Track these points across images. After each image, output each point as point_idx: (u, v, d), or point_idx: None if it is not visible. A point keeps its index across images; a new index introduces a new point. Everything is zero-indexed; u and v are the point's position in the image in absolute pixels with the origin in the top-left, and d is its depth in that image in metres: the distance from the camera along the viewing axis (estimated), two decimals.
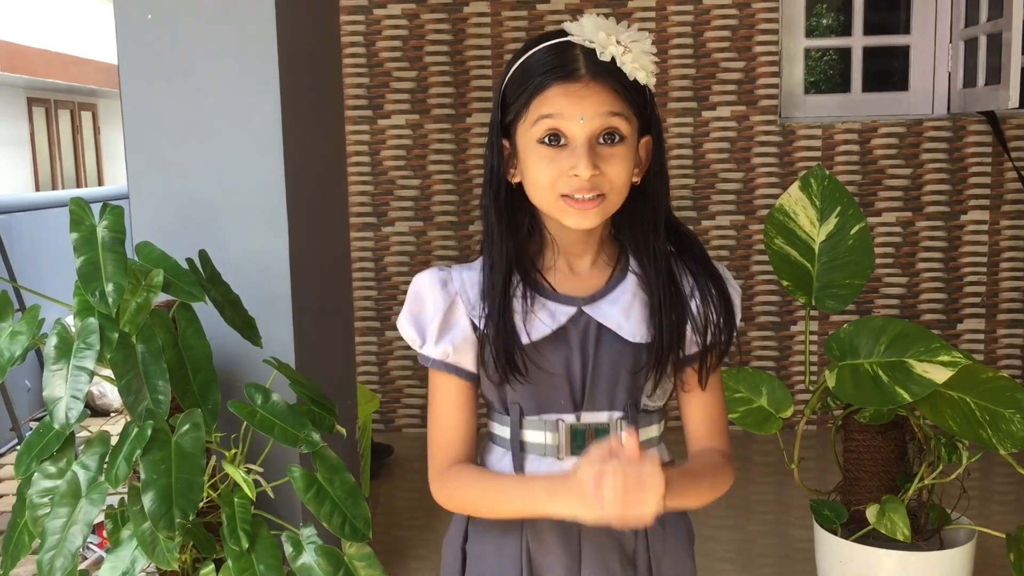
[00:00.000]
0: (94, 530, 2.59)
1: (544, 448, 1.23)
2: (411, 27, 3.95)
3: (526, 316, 1.20)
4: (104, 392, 4.78)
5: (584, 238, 1.23)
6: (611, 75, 1.14)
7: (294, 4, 2.25)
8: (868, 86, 4.06)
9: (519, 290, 1.21)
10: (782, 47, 3.96)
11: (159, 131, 2.17)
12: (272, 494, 1.81)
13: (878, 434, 2.34)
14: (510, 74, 1.19)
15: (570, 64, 1.14)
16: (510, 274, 1.21)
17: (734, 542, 3.00)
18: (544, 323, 1.20)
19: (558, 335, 1.20)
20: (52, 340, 1.65)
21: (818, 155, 3.95)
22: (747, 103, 3.95)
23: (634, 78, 1.15)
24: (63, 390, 1.62)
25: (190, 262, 1.88)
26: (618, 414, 1.22)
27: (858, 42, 4.04)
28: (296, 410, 1.78)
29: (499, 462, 1.26)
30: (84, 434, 1.91)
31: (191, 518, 1.60)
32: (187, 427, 1.68)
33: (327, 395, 1.93)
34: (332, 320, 2.60)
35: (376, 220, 4.06)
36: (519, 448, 1.24)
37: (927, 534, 2.32)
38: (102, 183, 14.37)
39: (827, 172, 2.44)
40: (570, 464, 1.19)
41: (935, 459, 2.27)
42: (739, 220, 4.01)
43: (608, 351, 1.21)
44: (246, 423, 1.75)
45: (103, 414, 4.79)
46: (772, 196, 3.92)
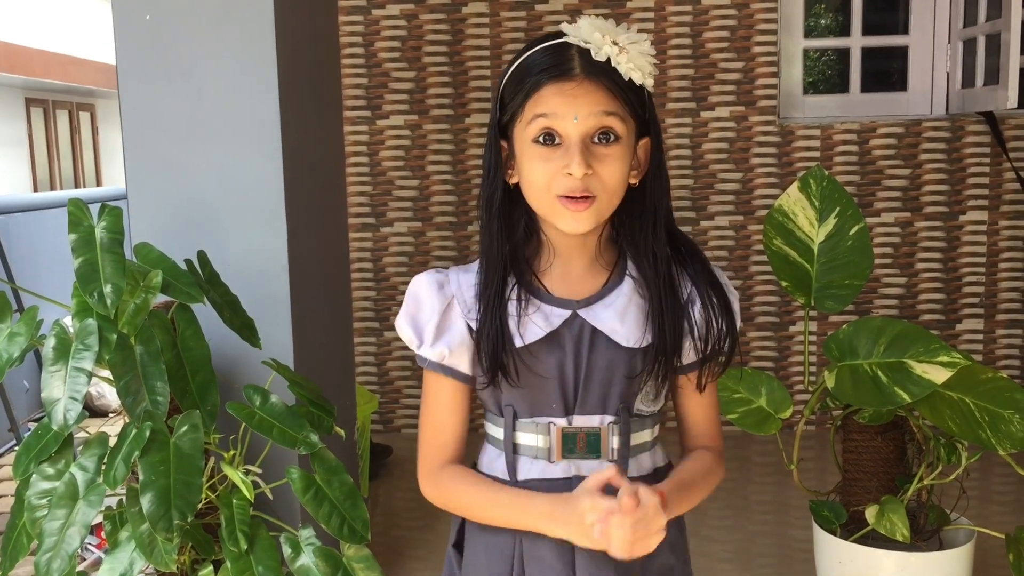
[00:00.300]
0: (92, 531, 2.58)
1: (536, 451, 1.23)
2: (410, 27, 3.95)
3: (520, 319, 1.20)
4: (102, 393, 4.78)
5: (581, 241, 1.23)
6: (606, 74, 1.14)
7: (293, 4, 2.25)
8: (867, 86, 4.06)
9: (514, 292, 1.21)
10: (781, 47, 3.95)
11: (158, 132, 2.16)
12: (271, 495, 1.81)
13: (877, 435, 2.34)
14: (508, 75, 1.20)
15: (565, 63, 1.15)
16: (505, 276, 1.21)
17: (733, 542, 3.00)
18: (538, 326, 1.20)
19: (552, 338, 1.20)
20: (50, 341, 1.65)
21: (817, 155, 3.95)
22: (746, 103, 3.95)
23: (629, 78, 1.15)
24: (61, 391, 1.62)
25: (189, 263, 1.88)
26: (610, 418, 1.23)
27: (857, 42, 4.04)
28: (295, 411, 1.78)
29: (493, 463, 1.27)
30: (82, 435, 1.91)
31: (189, 519, 1.60)
32: (186, 428, 1.68)
33: (326, 396, 1.93)
34: (331, 321, 2.59)
35: (375, 221, 4.05)
36: (512, 450, 1.24)
37: (926, 535, 2.32)
38: (100, 184, 14.36)
39: (826, 173, 2.44)
40: (562, 468, 1.21)
41: (934, 460, 2.27)
42: (738, 220, 4.01)
43: (601, 355, 1.21)
44: (245, 424, 1.75)
45: (101, 415, 4.79)
46: (771, 196, 3.92)
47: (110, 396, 4.74)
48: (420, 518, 3.19)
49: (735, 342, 1.25)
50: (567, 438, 1.22)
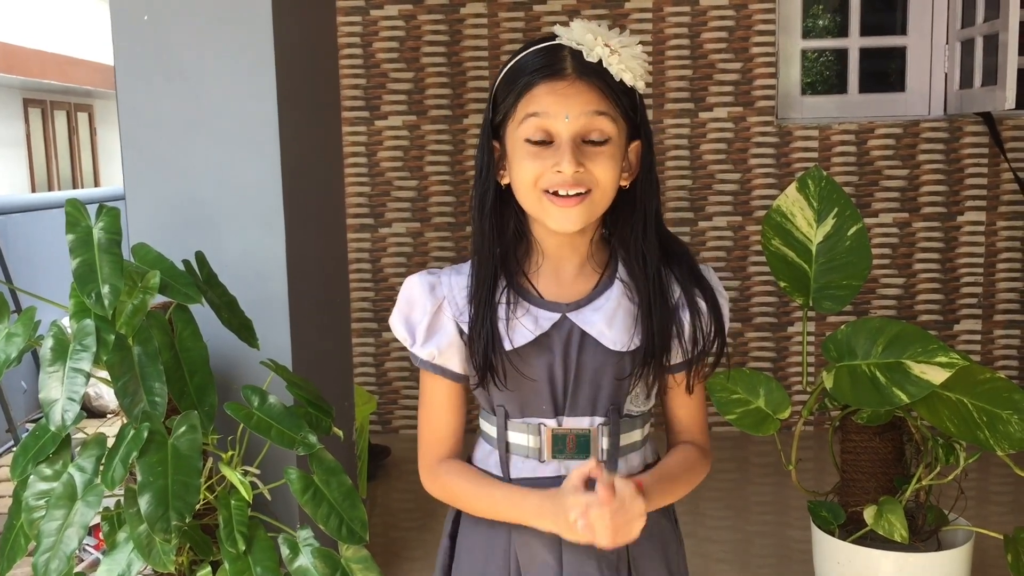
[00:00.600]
0: (90, 532, 2.58)
1: (527, 450, 1.25)
2: (408, 28, 3.95)
3: (510, 322, 1.21)
4: (100, 394, 4.77)
5: (571, 243, 1.24)
6: (597, 75, 1.16)
7: (291, 5, 2.25)
8: (865, 87, 4.07)
9: (504, 295, 1.22)
10: (779, 48, 3.96)
11: (156, 132, 2.16)
12: (269, 496, 1.81)
13: (875, 435, 2.34)
14: (501, 76, 1.21)
15: (557, 64, 1.16)
16: (496, 277, 1.22)
17: (731, 543, 3.00)
18: (527, 329, 1.21)
19: (541, 341, 1.21)
20: (48, 342, 1.65)
21: (815, 156, 3.96)
22: (744, 104, 3.96)
23: (620, 79, 1.16)
24: (59, 392, 1.62)
25: (187, 264, 1.88)
26: (600, 420, 1.24)
27: (855, 43, 4.04)
28: (293, 412, 1.78)
29: (486, 459, 1.29)
30: (80, 436, 1.91)
31: (187, 520, 1.60)
32: (183, 429, 1.67)
33: (324, 397, 1.93)
34: (329, 322, 2.59)
35: (373, 221, 4.05)
36: (504, 449, 1.26)
37: (925, 535, 2.32)
38: (98, 184, 14.34)
39: (824, 173, 2.44)
40: (552, 468, 1.23)
41: (932, 460, 2.27)
42: (736, 221, 4.01)
43: (590, 358, 1.22)
44: (243, 425, 1.75)
45: (99, 416, 4.78)
46: (769, 197, 3.92)
47: (108, 397, 4.73)
48: (418, 519, 3.19)
49: (723, 344, 1.27)
50: (557, 439, 1.24)
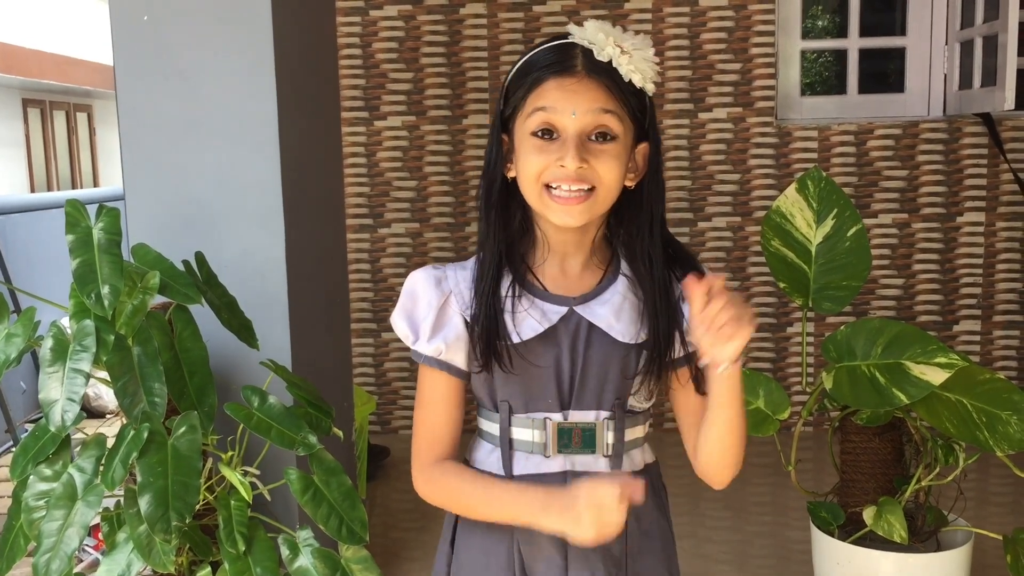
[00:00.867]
0: (90, 533, 2.58)
1: (532, 445, 1.24)
2: (407, 28, 3.95)
3: (517, 315, 1.21)
4: (100, 394, 4.77)
5: (576, 239, 1.24)
6: (607, 74, 1.17)
7: (290, 5, 2.25)
8: (864, 88, 4.07)
9: (511, 289, 1.22)
10: (778, 49, 3.96)
11: (155, 132, 2.16)
12: (269, 497, 1.81)
13: (875, 436, 2.34)
14: (514, 71, 1.22)
15: (568, 60, 1.17)
16: (500, 268, 1.23)
17: (731, 543, 3.00)
18: (535, 322, 1.21)
19: (548, 334, 1.22)
20: (48, 342, 1.65)
21: (814, 157, 3.96)
22: (743, 105, 3.96)
23: (629, 79, 1.17)
24: (59, 392, 1.62)
25: (186, 264, 1.88)
26: (605, 414, 1.24)
27: (854, 44, 4.04)
28: (293, 412, 1.78)
29: (487, 458, 1.28)
30: (80, 436, 1.91)
31: (187, 521, 1.60)
32: (183, 429, 1.67)
33: (324, 397, 1.93)
34: (329, 322, 2.59)
35: (372, 221, 4.05)
36: (508, 445, 1.25)
37: (924, 536, 2.32)
38: (98, 184, 14.33)
39: (824, 174, 2.44)
40: (557, 463, 1.23)
41: (932, 461, 2.27)
42: (735, 222, 4.01)
43: (598, 351, 1.22)
44: (243, 425, 1.75)
45: (99, 416, 4.78)
46: (768, 198, 3.92)
47: (107, 397, 4.73)
48: (418, 519, 3.19)
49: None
50: (562, 433, 1.23)
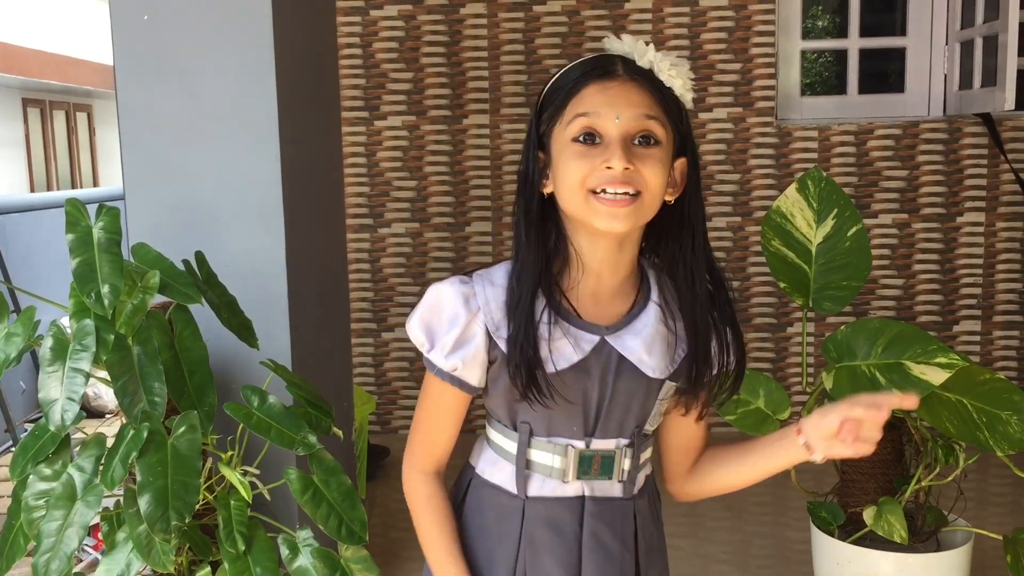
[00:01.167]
0: (90, 532, 2.58)
1: (551, 470, 1.24)
2: (407, 28, 3.95)
3: (552, 342, 1.19)
4: (100, 394, 4.77)
5: (612, 257, 1.21)
6: (647, 79, 1.16)
7: (291, 5, 2.25)
8: (864, 88, 4.07)
9: (544, 315, 1.19)
10: (778, 49, 3.96)
11: (155, 132, 2.16)
12: (268, 496, 1.81)
13: None
14: (549, 85, 1.20)
15: (608, 66, 1.17)
16: (535, 292, 1.19)
17: (731, 544, 3.00)
18: (569, 352, 1.19)
19: (580, 365, 1.20)
20: (48, 342, 1.65)
21: (814, 157, 3.96)
22: (743, 105, 3.96)
23: (670, 86, 1.17)
24: (59, 392, 1.62)
25: (186, 263, 1.88)
26: (625, 441, 1.24)
27: (854, 44, 4.04)
28: (292, 412, 1.78)
29: (498, 471, 1.27)
30: (80, 436, 1.91)
31: (187, 520, 1.59)
32: (183, 429, 1.67)
33: (324, 397, 1.93)
34: (329, 322, 2.59)
35: (372, 221, 4.05)
36: (524, 465, 1.24)
37: (924, 536, 2.32)
38: (97, 184, 14.33)
39: (824, 174, 2.44)
40: (574, 488, 1.24)
41: (932, 461, 2.27)
42: (736, 222, 4.01)
43: (626, 383, 1.21)
44: (242, 425, 1.75)
45: (99, 416, 4.78)
46: (769, 198, 3.92)
47: (107, 397, 4.73)
48: None
49: (741, 379, 1.28)
50: (584, 460, 1.23)
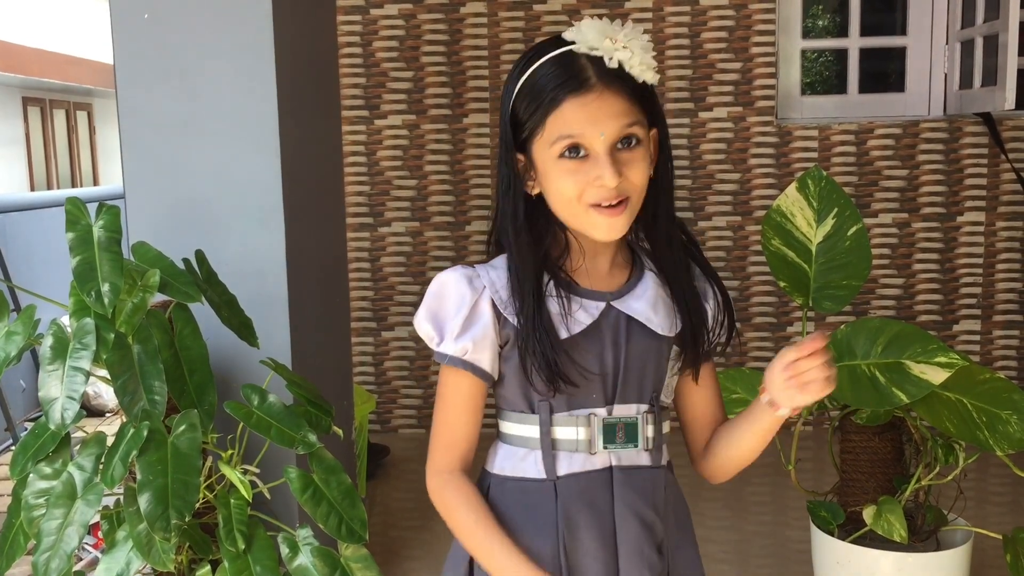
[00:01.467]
0: (90, 531, 2.58)
1: (576, 444, 1.24)
2: (408, 27, 3.95)
3: (563, 313, 1.21)
4: (100, 393, 4.77)
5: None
6: (622, 81, 1.16)
7: (291, 4, 2.25)
8: (864, 87, 4.07)
9: (551, 289, 1.22)
10: (779, 48, 3.95)
11: (155, 131, 2.16)
12: (268, 495, 1.81)
13: (875, 435, 2.34)
14: (518, 89, 1.19)
15: (580, 75, 1.16)
16: (540, 278, 1.21)
17: (731, 543, 3.00)
18: (580, 318, 1.22)
19: (592, 330, 1.22)
20: (48, 340, 1.65)
21: (814, 156, 3.96)
22: (744, 104, 3.95)
23: (643, 80, 1.17)
24: (59, 390, 1.62)
25: (186, 262, 1.88)
26: (645, 407, 1.26)
27: (854, 43, 4.04)
28: (293, 411, 1.78)
29: (520, 464, 1.25)
30: (80, 435, 1.91)
31: (187, 519, 1.60)
32: (183, 428, 1.67)
33: (324, 396, 1.93)
34: (329, 321, 2.59)
35: (372, 220, 4.05)
36: (549, 446, 1.24)
37: (924, 535, 2.32)
38: (98, 183, 14.33)
39: (824, 173, 2.44)
40: (602, 459, 1.24)
41: (932, 460, 2.27)
42: (736, 221, 4.01)
43: (637, 344, 1.24)
44: (242, 424, 1.75)
45: (99, 415, 4.78)
46: (769, 197, 3.92)
47: (107, 396, 4.73)
48: (417, 518, 3.19)
49: (733, 329, 1.31)
50: (608, 428, 1.24)
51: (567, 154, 1.16)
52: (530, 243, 1.22)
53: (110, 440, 1.69)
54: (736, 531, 3.09)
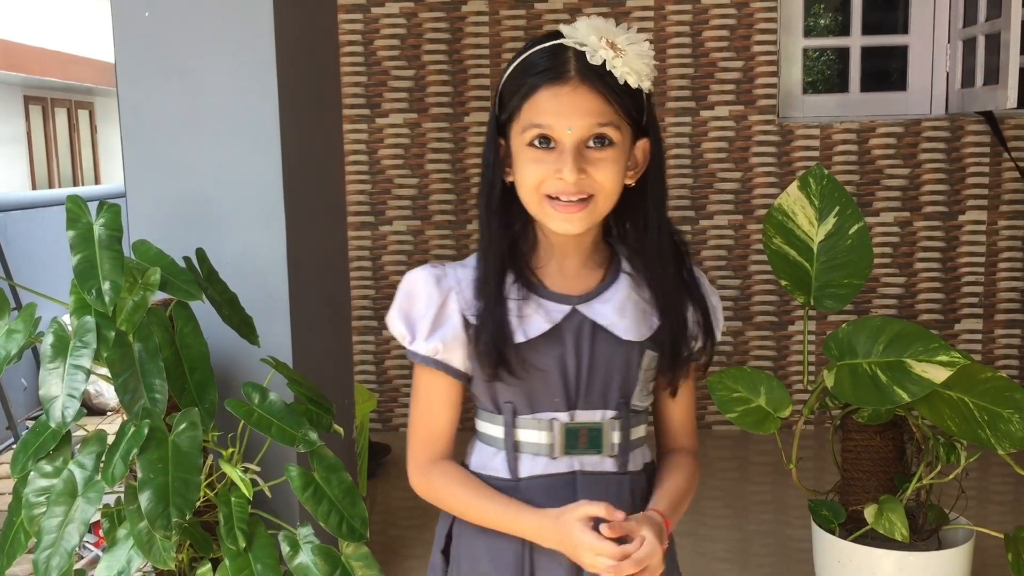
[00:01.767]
0: (90, 529, 2.58)
1: (538, 447, 1.23)
2: (409, 26, 3.95)
3: (521, 314, 1.20)
4: (101, 391, 4.77)
5: (575, 239, 1.24)
6: (601, 79, 1.15)
7: (292, 2, 2.25)
8: (866, 86, 4.06)
9: (514, 290, 1.21)
10: (780, 47, 3.95)
11: (156, 129, 2.16)
12: (269, 493, 1.81)
13: (876, 434, 2.33)
14: (508, 74, 1.21)
15: (561, 66, 1.15)
16: (503, 271, 1.22)
17: (732, 542, 3.00)
18: (539, 321, 1.21)
19: (553, 333, 1.21)
20: (48, 338, 1.65)
21: (816, 155, 3.95)
22: (745, 103, 3.95)
23: (624, 81, 1.15)
24: (59, 389, 1.62)
25: (187, 260, 1.88)
26: (611, 413, 1.24)
27: (856, 42, 4.03)
28: (293, 409, 1.78)
29: (490, 462, 1.26)
30: (80, 433, 1.91)
31: (188, 517, 1.59)
32: (184, 426, 1.67)
33: (324, 394, 1.93)
34: (330, 319, 2.59)
35: (374, 219, 4.05)
36: (512, 447, 1.24)
37: (925, 534, 2.32)
38: (99, 182, 14.35)
39: (826, 172, 2.44)
40: (564, 464, 1.22)
41: (933, 459, 2.27)
42: (737, 220, 4.01)
43: (602, 350, 1.22)
44: (243, 422, 1.75)
45: (99, 413, 4.78)
46: (770, 196, 3.92)
47: (108, 394, 4.74)
48: (418, 517, 3.19)
49: (713, 345, 1.29)
50: (569, 433, 1.23)
51: (536, 143, 1.16)
52: (499, 229, 1.22)
53: (111, 438, 1.69)
54: (737, 530, 3.09)
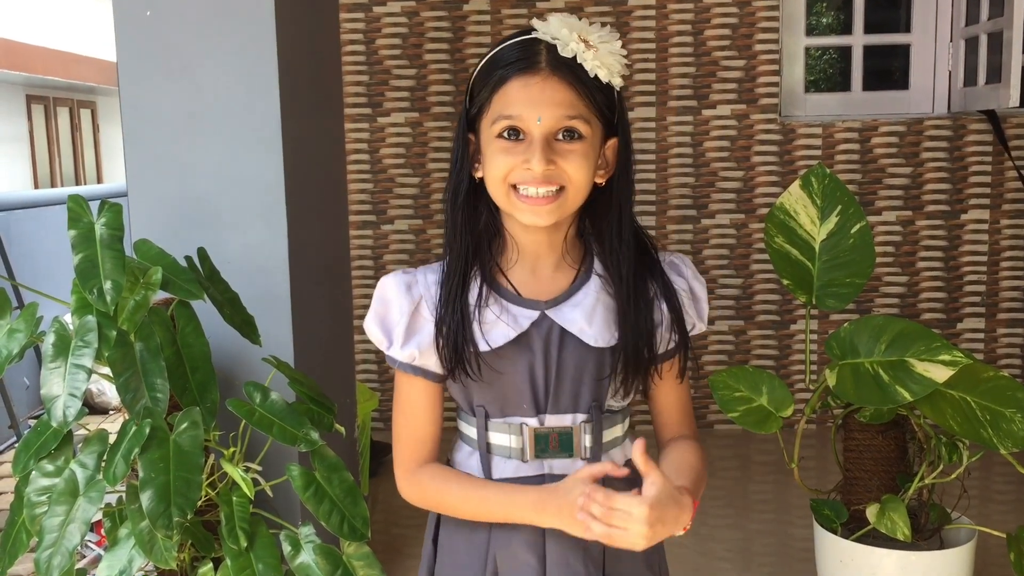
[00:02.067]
0: (92, 528, 2.58)
1: (509, 451, 1.24)
2: (411, 25, 3.94)
3: (486, 323, 1.20)
4: (102, 390, 4.78)
5: (547, 239, 1.23)
6: (571, 71, 1.15)
7: (294, 1, 2.25)
8: (868, 85, 4.06)
9: (479, 293, 1.21)
10: (782, 45, 3.95)
11: (158, 128, 2.16)
12: (271, 493, 1.81)
13: (878, 433, 2.33)
14: (478, 68, 1.20)
15: (532, 57, 1.16)
16: (467, 270, 1.21)
17: (733, 541, 3.00)
18: (506, 328, 1.20)
19: (520, 340, 1.21)
20: (50, 338, 1.65)
21: (818, 154, 3.95)
22: (747, 101, 3.95)
23: (595, 75, 1.15)
24: (61, 388, 1.62)
25: (189, 260, 1.88)
26: (582, 417, 1.23)
27: (858, 40, 4.03)
28: (295, 409, 1.78)
29: (467, 460, 1.28)
30: (82, 432, 1.91)
31: (189, 517, 1.59)
32: (185, 425, 1.67)
33: (326, 393, 1.93)
34: (331, 318, 2.59)
35: (375, 218, 4.05)
36: (485, 449, 1.25)
37: (927, 534, 2.32)
38: (101, 181, 14.36)
39: (828, 171, 2.43)
40: (534, 467, 1.23)
41: (935, 458, 2.27)
42: (739, 219, 4.00)
43: (571, 355, 1.21)
44: (245, 422, 1.75)
45: (101, 412, 4.79)
46: (772, 195, 3.92)
47: (110, 393, 4.74)
48: (419, 516, 3.17)
49: (685, 337, 1.27)
50: (539, 438, 1.23)
51: (506, 135, 1.16)
52: (464, 224, 1.22)
53: (112, 437, 1.69)
54: (739, 529, 3.08)
